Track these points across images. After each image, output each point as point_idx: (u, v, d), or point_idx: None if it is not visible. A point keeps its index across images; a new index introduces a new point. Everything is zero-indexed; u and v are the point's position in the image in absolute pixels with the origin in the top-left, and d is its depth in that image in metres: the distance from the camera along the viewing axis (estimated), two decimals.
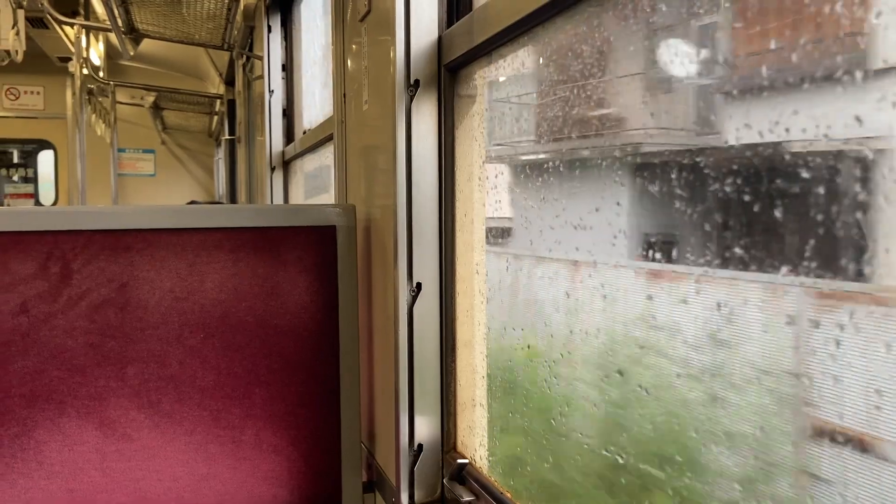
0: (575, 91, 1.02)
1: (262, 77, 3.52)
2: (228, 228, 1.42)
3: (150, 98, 7.41)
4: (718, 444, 0.75)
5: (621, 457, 0.90)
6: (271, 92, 3.36)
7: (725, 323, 0.73)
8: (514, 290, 1.20)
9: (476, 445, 1.33)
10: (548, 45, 1.09)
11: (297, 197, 3.34)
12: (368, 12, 1.52)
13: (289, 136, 3.41)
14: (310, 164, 3.01)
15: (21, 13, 4.17)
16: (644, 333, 0.85)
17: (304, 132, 3.01)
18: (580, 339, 0.98)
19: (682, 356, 0.80)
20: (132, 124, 8.51)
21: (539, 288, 1.11)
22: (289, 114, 3.39)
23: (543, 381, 1.08)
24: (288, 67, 3.39)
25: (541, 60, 1.12)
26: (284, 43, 3.38)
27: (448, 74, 1.34)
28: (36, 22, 5.46)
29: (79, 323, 1.35)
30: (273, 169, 3.41)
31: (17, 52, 4.24)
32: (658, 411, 0.84)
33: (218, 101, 6.99)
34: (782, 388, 0.67)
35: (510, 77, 1.22)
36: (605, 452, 0.94)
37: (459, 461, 1.33)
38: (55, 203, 8.71)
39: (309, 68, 3.13)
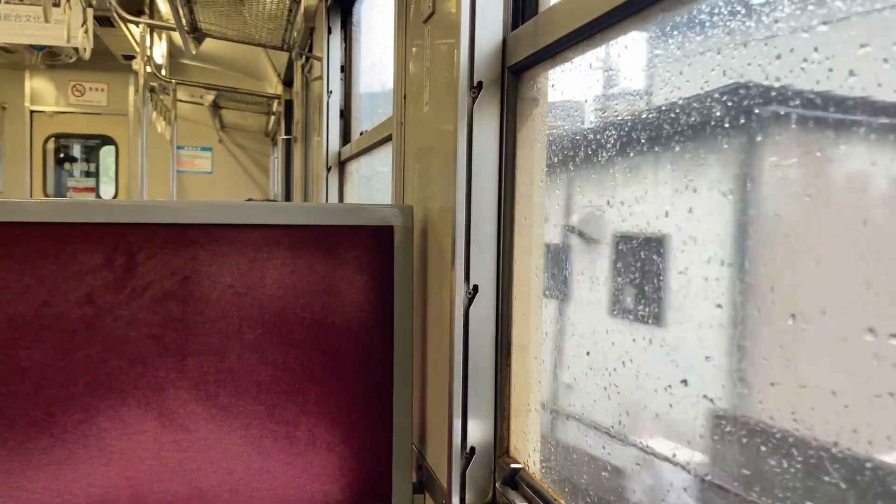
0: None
1: (320, 78, 3.55)
2: (289, 226, 1.44)
3: (210, 97, 7.55)
4: None
5: None
6: (330, 93, 3.39)
7: None
8: None
9: (530, 451, 1.32)
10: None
11: (352, 197, 3.36)
12: (432, 14, 1.52)
13: (345, 136, 3.44)
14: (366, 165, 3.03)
15: (90, 12, 4.29)
16: None
17: (361, 133, 3.03)
18: None
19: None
20: (191, 122, 8.69)
21: None
22: (346, 115, 3.42)
23: None
24: (347, 69, 3.42)
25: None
26: (344, 44, 3.42)
27: (512, 77, 1.34)
28: (103, 20, 5.63)
29: (141, 314, 1.38)
30: (329, 169, 3.44)
31: (85, 49, 4.37)
32: None
33: (275, 101, 7.09)
34: None
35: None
36: None
37: (513, 466, 1.32)
38: (115, 197, 8.94)
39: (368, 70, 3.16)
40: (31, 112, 8.77)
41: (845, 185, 0.67)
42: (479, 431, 1.38)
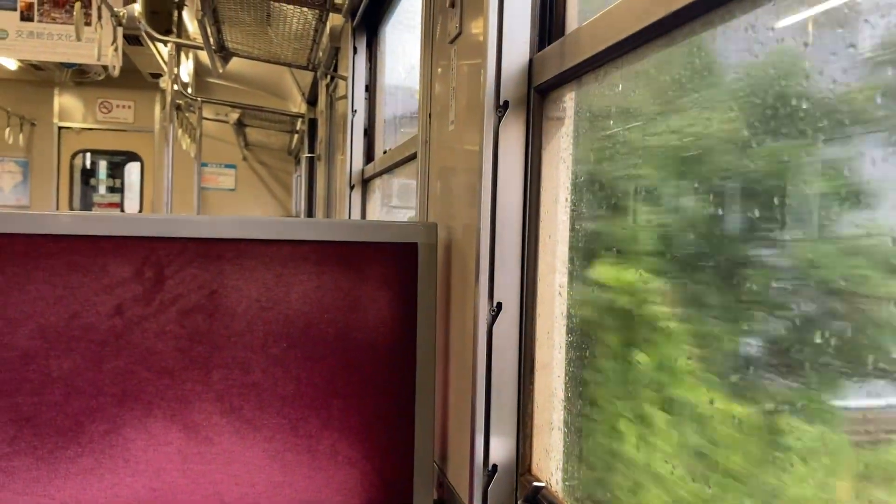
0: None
1: (345, 97, 3.59)
2: (315, 241, 1.45)
3: (235, 115, 7.64)
4: None
5: None
6: (354, 112, 3.42)
7: None
8: None
9: (552, 469, 1.32)
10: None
11: (375, 215, 3.39)
12: (459, 34, 1.55)
13: (369, 154, 3.48)
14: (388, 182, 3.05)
15: (120, 31, 4.37)
16: None
17: (385, 151, 3.06)
18: None
19: None
20: (216, 140, 8.80)
21: None
22: (370, 133, 3.46)
23: None
24: (371, 88, 3.45)
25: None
26: (369, 64, 3.46)
27: (538, 96, 1.35)
28: (132, 39, 5.72)
29: (169, 327, 1.40)
30: (352, 187, 3.47)
31: (114, 67, 4.45)
32: None
33: (299, 120, 7.16)
34: None
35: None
36: None
37: (535, 484, 1.32)
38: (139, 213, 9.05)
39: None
40: (60, 128, 8.92)
41: None
42: (501, 449, 1.38)
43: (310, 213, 6.53)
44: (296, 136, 7.91)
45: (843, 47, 0.70)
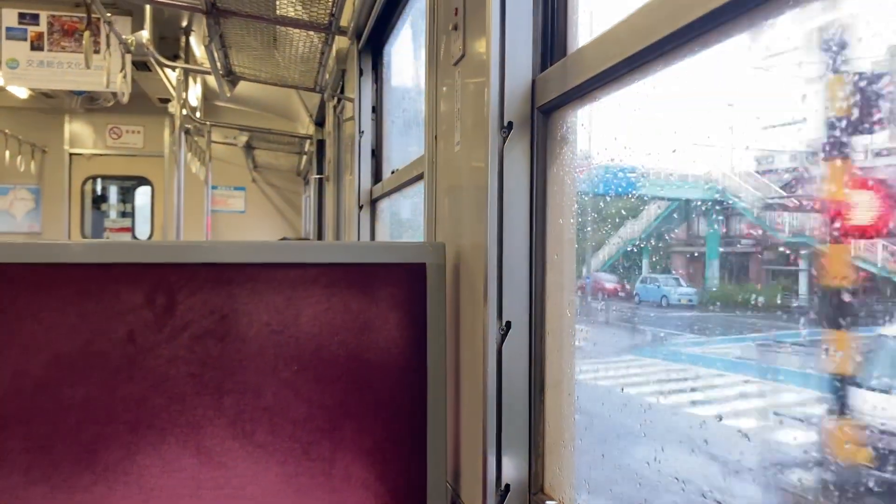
0: None
1: (352, 118, 3.62)
2: (324, 264, 1.46)
3: (243, 138, 7.70)
4: None
5: None
6: (361, 133, 3.45)
7: None
8: None
9: (565, 487, 1.32)
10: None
11: (384, 235, 3.40)
12: (463, 56, 1.56)
13: (376, 175, 3.49)
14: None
15: (129, 58, 4.42)
16: None
17: (393, 172, 3.08)
18: None
19: None
20: (225, 162, 8.85)
21: None
22: (377, 154, 3.48)
23: None
24: (378, 109, 3.48)
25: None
26: (375, 85, 3.48)
27: (541, 116, 1.36)
28: (140, 65, 5.79)
29: (181, 353, 1.41)
30: (361, 207, 3.49)
31: (123, 93, 4.50)
32: None
33: (307, 142, 7.21)
34: None
35: None
36: None
37: (548, 503, 1.32)
38: (150, 237, 9.12)
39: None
40: (70, 155, 9.01)
41: None
42: (513, 468, 1.38)
43: (319, 233, 6.56)
44: (304, 157, 7.97)
45: None
